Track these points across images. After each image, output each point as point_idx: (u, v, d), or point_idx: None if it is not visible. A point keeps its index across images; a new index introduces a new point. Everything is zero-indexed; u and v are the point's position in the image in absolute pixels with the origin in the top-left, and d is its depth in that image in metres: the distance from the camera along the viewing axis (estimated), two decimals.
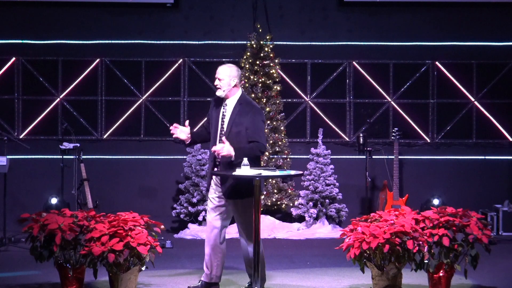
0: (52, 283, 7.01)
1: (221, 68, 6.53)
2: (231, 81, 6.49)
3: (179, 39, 10.91)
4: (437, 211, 6.63)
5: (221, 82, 6.50)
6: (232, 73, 6.50)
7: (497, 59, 10.91)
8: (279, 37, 10.79)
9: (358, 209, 10.70)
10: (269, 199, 10.20)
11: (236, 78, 6.52)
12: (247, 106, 6.51)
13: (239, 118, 6.47)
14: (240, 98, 6.56)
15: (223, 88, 6.50)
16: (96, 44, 10.85)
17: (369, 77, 10.90)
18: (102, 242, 6.27)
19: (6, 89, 10.76)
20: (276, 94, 10.56)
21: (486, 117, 10.89)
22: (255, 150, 6.43)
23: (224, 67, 6.54)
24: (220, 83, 6.51)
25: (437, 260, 6.38)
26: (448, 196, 10.55)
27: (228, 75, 6.49)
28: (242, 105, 6.51)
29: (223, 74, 6.50)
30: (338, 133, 10.89)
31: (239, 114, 6.47)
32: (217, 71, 6.54)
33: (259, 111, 6.53)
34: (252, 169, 6.29)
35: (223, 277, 7.42)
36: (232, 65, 6.58)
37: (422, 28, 10.94)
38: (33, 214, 6.56)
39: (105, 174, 10.67)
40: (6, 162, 8.99)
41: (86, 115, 10.81)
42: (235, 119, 6.47)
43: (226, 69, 6.51)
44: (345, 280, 7.32)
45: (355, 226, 6.62)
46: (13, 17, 10.80)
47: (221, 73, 6.51)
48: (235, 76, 6.51)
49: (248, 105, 6.54)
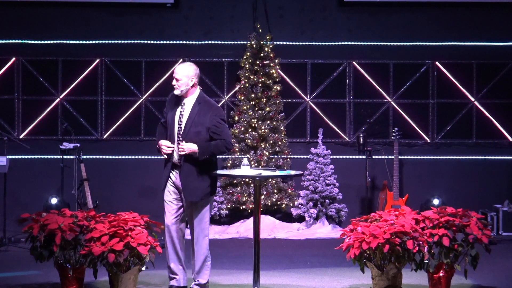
0: (52, 283, 7.01)
1: (179, 68, 6.37)
2: (189, 81, 6.34)
3: (179, 39, 10.90)
4: (437, 211, 6.63)
5: (179, 82, 6.34)
6: (190, 73, 6.34)
7: (497, 59, 10.90)
8: (279, 37, 10.79)
9: (358, 209, 10.70)
10: (269, 199, 10.20)
11: (195, 78, 6.37)
12: (206, 106, 6.38)
13: (198, 117, 6.32)
14: (199, 98, 6.41)
15: (180, 88, 6.35)
16: (96, 44, 10.84)
17: (369, 77, 10.90)
18: (102, 242, 6.27)
19: (6, 89, 10.76)
20: (276, 94, 10.56)
21: (486, 117, 10.89)
22: (221, 147, 6.32)
23: (182, 66, 6.38)
24: (178, 83, 6.35)
25: (437, 260, 6.38)
26: (448, 196, 10.55)
27: (186, 75, 6.33)
28: (201, 105, 6.37)
29: (181, 74, 6.34)
30: (338, 133, 10.89)
31: (198, 113, 6.33)
32: (175, 71, 6.37)
33: (219, 109, 6.43)
34: (253, 169, 6.28)
35: (223, 277, 7.43)
36: (191, 64, 6.41)
37: (422, 28, 10.93)
38: (33, 214, 6.56)
39: (105, 174, 10.66)
40: (6, 162, 9.00)
41: (86, 115, 10.81)
42: (195, 119, 6.32)
43: (185, 69, 6.35)
44: (345, 280, 7.32)
45: (355, 226, 6.62)
46: (13, 17, 10.79)
47: (179, 73, 6.35)
48: (194, 75, 6.36)
49: (207, 104, 6.40)
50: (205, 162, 6.34)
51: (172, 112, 6.44)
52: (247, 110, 10.44)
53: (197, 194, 6.35)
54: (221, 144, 6.31)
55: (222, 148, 6.33)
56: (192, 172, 6.33)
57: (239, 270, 7.75)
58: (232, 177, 10.20)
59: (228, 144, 6.34)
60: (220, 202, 10.20)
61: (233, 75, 10.76)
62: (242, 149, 10.40)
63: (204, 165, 6.35)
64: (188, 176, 6.34)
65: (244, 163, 6.68)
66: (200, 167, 6.34)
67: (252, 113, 10.42)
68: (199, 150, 6.24)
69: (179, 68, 6.36)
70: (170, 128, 6.44)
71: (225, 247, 9.25)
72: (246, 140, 10.38)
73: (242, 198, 10.24)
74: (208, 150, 6.28)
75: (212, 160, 6.43)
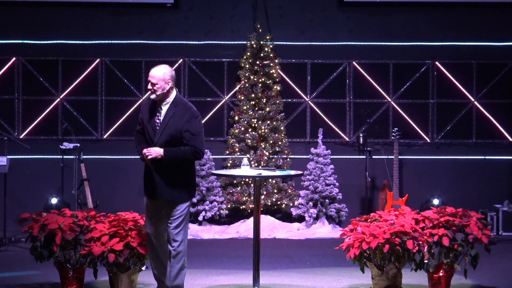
0: (52, 283, 7.01)
1: (155, 72, 6.09)
2: (166, 85, 6.07)
3: (179, 39, 10.91)
4: (437, 211, 6.64)
5: (155, 87, 6.08)
6: (166, 76, 6.07)
7: (497, 59, 10.90)
8: (279, 37, 10.79)
9: (358, 209, 10.70)
10: (269, 199, 10.21)
11: (171, 81, 6.09)
12: (183, 109, 6.10)
13: (173, 121, 6.07)
14: (175, 100, 6.14)
15: (157, 92, 6.08)
16: (96, 44, 10.85)
17: (369, 77, 10.90)
18: (102, 242, 6.28)
19: (6, 89, 10.76)
20: (276, 94, 10.56)
21: (486, 117, 10.89)
22: (188, 154, 6.04)
23: (157, 70, 6.09)
24: (154, 88, 6.08)
25: (437, 260, 6.39)
26: (448, 196, 10.55)
27: (162, 79, 6.06)
28: (177, 108, 6.11)
29: (157, 78, 6.06)
30: (338, 133, 10.89)
31: (173, 117, 6.08)
32: (150, 75, 6.09)
33: (196, 114, 6.11)
34: (253, 169, 6.27)
35: (223, 277, 7.43)
36: (166, 67, 6.13)
37: (422, 28, 10.94)
38: (33, 214, 6.57)
39: (105, 174, 10.66)
40: (6, 162, 8.99)
41: (86, 115, 10.81)
42: (169, 123, 6.07)
43: (160, 72, 6.07)
44: (345, 280, 7.33)
45: (355, 226, 6.62)
46: (13, 17, 10.79)
47: (155, 76, 6.07)
48: (169, 78, 6.08)
49: (184, 107, 6.12)
50: (179, 166, 6.11)
51: (149, 116, 6.22)
52: (247, 110, 10.45)
53: (172, 194, 6.11)
54: (189, 151, 6.04)
55: (190, 156, 6.05)
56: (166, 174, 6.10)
57: (239, 270, 7.75)
58: (232, 177, 10.21)
59: (197, 153, 6.06)
60: (220, 202, 10.20)
61: (233, 75, 10.76)
62: (242, 149, 10.40)
63: (179, 169, 6.12)
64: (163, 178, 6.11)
65: (244, 163, 6.68)
66: (174, 171, 6.11)
67: (252, 113, 10.42)
68: (165, 154, 6.03)
69: (155, 72, 6.09)
70: (147, 133, 6.20)
71: (225, 247, 9.26)
72: (246, 140, 10.38)
73: (242, 198, 10.24)
74: (174, 155, 6.05)
75: (188, 165, 6.19)
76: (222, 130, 10.81)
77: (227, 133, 10.69)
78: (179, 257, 6.11)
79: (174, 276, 6.11)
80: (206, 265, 8.03)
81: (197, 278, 7.34)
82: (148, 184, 6.27)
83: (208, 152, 10.30)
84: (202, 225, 10.15)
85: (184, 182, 6.16)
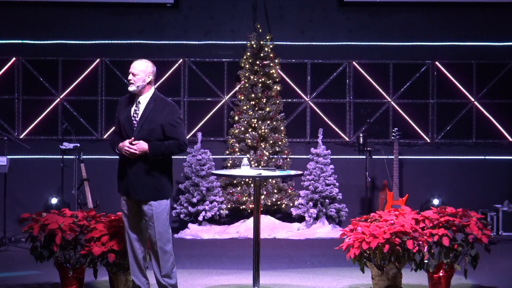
0: (52, 283, 7.02)
1: (137, 63, 6.12)
2: (146, 77, 6.08)
3: (179, 39, 10.90)
4: (437, 211, 6.64)
5: (136, 77, 6.07)
6: (148, 69, 6.10)
7: (497, 59, 10.91)
8: (279, 37, 10.79)
9: (358, 209, 10.70)
10: (269, 199, 10.21)
11: (151, 75, 6.11)
12: (162, 103, 6.10)
13: (153, 115, 6.04)
14: (154, 96, 6.13)
15: (137, 83, 6.07)
16: (96, 44, 10.84)
17: (369, 77, 10.90)
18: (102, 242, 6.28)
19: (6, 89, 10.76)
20: (276, 94, 10.56)
21: (486, 117, 10.89)
22: (174, 147, 6.03)
23: (140, 62, 6.13)
24: (134, 78, 6.08)
25: (437, 260, 6.39)
26: (448, 196, 10.55)
27: (143, 70, 6.08)
28: (156, 102, 6.09)
29: (139, 69, 6.09)
30: (338, 133, 10.89)
31: (153, 111, 6.04)
32: (132, 66, 6.13)
33: (175, 107, 6.12)
34: (253, 169, 6.27)
35: (223, 277, 7.44)
36: (148, 61, 6.15)
37: (422, 28, 10.94)
38: (33, 214, 6.57)
39: (105, 174, 10.64)
40: (6, 162, 9.00)
41: (86, 115, 10.81)
42: (148, 116, 6.03)
43: (142, 65, 6.11)
44: (345, 280, 7.33)
45: (355, 226, 6.62)
46: (13, 17, 10.79)
47: (137, 67, 6.10)
48: (150, 72, 6.10)
49: (163, 101, 6.11)
50: (161, 162, 6.08)
51: (126, 111, 6.16)
52: (247, 110, 10.44)
53: (153, 193, 6.06)
54: (173, 144, 6.01)
55: (175, 149, 6.04)
56: (146, 171, 6.04)
57: (239, 270, 7.75)
58: (232, 177, 10.21)
59: (181, 145, 6.04)
60: (220, 202, 10.20)
61: (233, 75, 10.76)
62: (242, 149, 10.40)
63: (160, 165, 6.08)
64: (137, 174, 6.07)
65: (244, 163, 6.68)
66: (154, 167, 6.06)
67: (252, 113, 10.42)
68: (150, 149, 5.98)
69: (137, 63, 6.12)
70: (124, 128, 6.14)
71: (225, 247, 9.26)
72: (246, 140, 10.38)
73: (242, 198, 10.24)
74: (160, 150, 6.01)
75: (165, 160, 6.14)
76: (222, 130, 10.82)
77: (227, 133, 10.70)
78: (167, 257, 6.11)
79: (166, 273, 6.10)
80: (206, 265, 8.03)
81: (197, 278, 7.34)
82: (125, 183, 6.18)
83: (208, 152, 10.31)
84: (202, 225, 10.15)
85: (166, 179, 6.12)
